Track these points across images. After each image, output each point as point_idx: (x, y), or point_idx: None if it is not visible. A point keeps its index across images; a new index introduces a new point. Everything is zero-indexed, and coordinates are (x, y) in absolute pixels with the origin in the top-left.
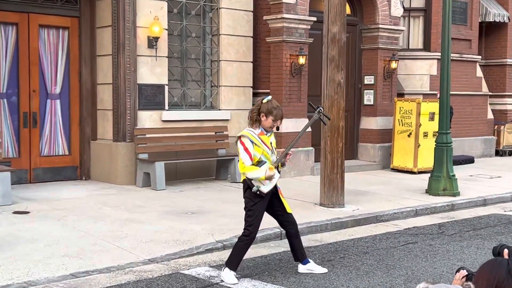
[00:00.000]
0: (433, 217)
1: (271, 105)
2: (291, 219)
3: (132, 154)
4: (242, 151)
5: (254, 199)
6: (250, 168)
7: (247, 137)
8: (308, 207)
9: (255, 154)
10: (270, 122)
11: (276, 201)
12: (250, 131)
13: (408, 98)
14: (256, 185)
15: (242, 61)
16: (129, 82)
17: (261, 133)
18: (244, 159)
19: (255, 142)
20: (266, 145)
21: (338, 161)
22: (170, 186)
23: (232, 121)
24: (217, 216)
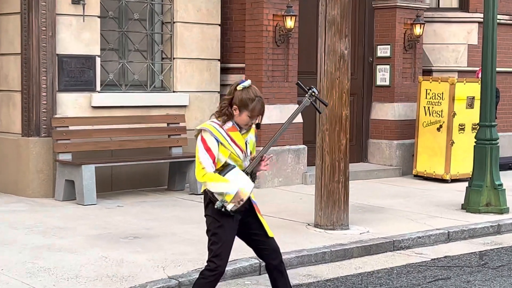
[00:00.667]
0: (472, 243)
1: (247, 95)
2: (273, 246)
3: (49, 154)
4: (202, 150)
5: (219, 219)
6: (212, 177)
7: (209, 132)
8: (299, 229)
9: (220, 158)
10: (246, 119)
11: (251, 220)
12: (214, 124)
13: (438, 77)
14: (220, 200)
15: (206, 24)
16: (45, 52)
17: (232, 128)
18: (204, 162)
19: (221, 140)
20: (237, 145)
21: (340, 164)
22: (103, 200)
23: (191, 107)
24: (170, 241)
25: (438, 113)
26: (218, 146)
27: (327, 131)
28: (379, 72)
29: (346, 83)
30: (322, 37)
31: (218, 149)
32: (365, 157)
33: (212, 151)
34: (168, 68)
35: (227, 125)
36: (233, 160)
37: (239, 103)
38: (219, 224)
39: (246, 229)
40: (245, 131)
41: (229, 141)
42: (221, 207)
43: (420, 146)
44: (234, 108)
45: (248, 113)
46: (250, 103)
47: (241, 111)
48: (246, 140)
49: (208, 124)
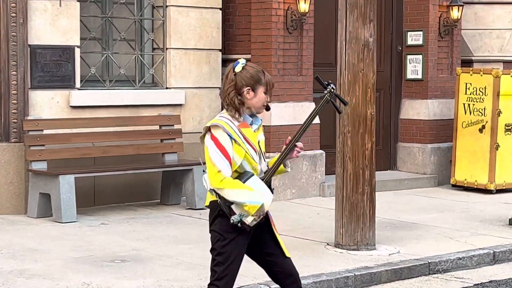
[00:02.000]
0: None
1: (254, 70)
2: (291, 269)
3: (20, 162)
4: (214, 151)
5: (227, 235)
6: (233, 183)
7: (222, 127)
8: (316, 250)
9: (235, 159)
10: (263, 97)
11: (267, 238)
12: (225, 119)
13: (479, 68)
14: (238, 213)
15: (205, 8)
16: (15, 43)
17: (244, 124)
18: (219, 164)
19: (235, 137)
20: (251, 144)
21: (365, 172)
22: (84, 216)
23: (187, 107)
24: (164, 265)
25: (480, 111)
26: (232, 144)
27: (349, 133)
28: (410, 64)
29: (371, 77)
30: (343, 23)
31: (232, 147)
32: (394, 164)
33: (226, 150)
34: (160, 61)
35: (238, 120)
36: (248, 163)
37: (251, 81)
38: (227, 241)
39: (259, 248)
40: (256, 125)
41: (242, 139)
42: (238, 222)
43: (459, 150)
44: (246, 91)
45: (264, 88)
46: (262, 76)
47: (255, 89)
48: (258, 138)
49: (218, 119)
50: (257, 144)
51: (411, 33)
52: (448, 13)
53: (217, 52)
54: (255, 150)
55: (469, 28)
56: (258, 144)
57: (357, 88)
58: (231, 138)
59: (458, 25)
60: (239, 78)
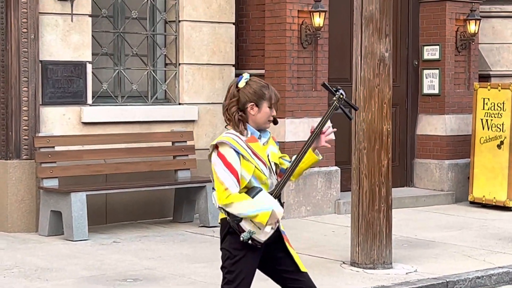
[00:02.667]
0: None
1: (258, 85)
2: (308, 284)
3: (31, 180)
4: (221, 168)
5: (236, 252)
6: (237, 197)
7: (228, 144)
8: (332, 269)
9: (244, 175)
10: (267, 112)
11: (281, 254)
12: (232, 135)
13: (497, 83)
14: (248, 230)
15: (218, 22)
16: (26, 59)
17: (252, 138)
18: (227, 182)
19: (242, 153)
20: (260, 158)
21: (381, 189)
22: (96, 234)
23: (200, 123)
24: (177, 284)
25: (498, 127)
26: (240, 160)
27: (364, 149)
28: (426, 78)
29: (387, 92)
30: (358, 37)
31: (240, 163)
32: (411, 180)
33: (233, 167)
34: (173, 76)
35: (245, 136)
36: (257, 178)
37: (254, 97)
38: (236, 259)
39: (273, 265)
40: (265, 139)
41: (251, 153)
42: (248, 239)
43: (477, 166)
44: (250, 106)
45: (268, 103)
46: (266, 91)
47: (259, 104)
48: (268, 152)
49: (225, 135)
50: (267, 158)
51: (428, 47)
52: (465, 27)
53: (230, 67)
54: (264, 164)
55: (486, 42)
56: (268, 157)
57: (372, 104)
58: (238, 154)
59: (475, 39)
60: (242, 94)
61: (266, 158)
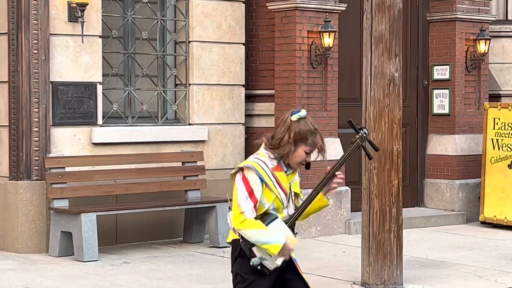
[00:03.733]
0: None
1: (306, 127)
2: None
3: (42, 200)
4: (243, 192)
5: (247, 276)
6: (252, 224)
7: (254, 170)
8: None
9: (263, 203)
10: (302, 155)
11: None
12: (259, 161)
13: (508, 102)
14: (258, 256)
15: (228, 43)
16: (37, 80)
17: (278, 167)
18: (244, 206)
19: (266, 181)
20: (282, 188)
21: (391, 210)
22: (106, 255)
23: (210, 143)
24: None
25: (509, 147)
26: (263, 188)
27: (375, 169)
28: (437, 98)
29: (398, 112)
30: (368, 57)
31: (262, 190)
32: (421, 200)
33: (255, 194)
34: (183, 97)
35: (272, 163)
36: (276, 206)
37: (296, 136)
38: (247, 284)
39: None
40: (291, 170)
41: (275, 182)
42: (258, 265)
43: (488, 186)
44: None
45: (307, 148)
46: (309, 136)
47: (296, 145)
48: (291, 182)
49: (252, 160)
50: (288, 187)
51: (438, 67)
52: (475, 47)
53: (240, 88)
54: (285, 193)
55: (496, 62)
56: (290, 186)
57: (382, 124)
58: (262, 181)
59: (486, 59)
60: (292, 126)
61: (288, 187)
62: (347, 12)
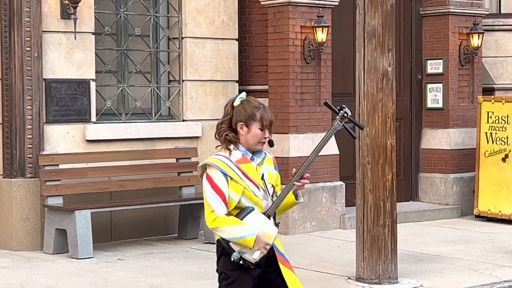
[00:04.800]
0: None
1: (251, 104)
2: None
3: (36, 198)
4: (209, 190)
5: (230, 273)
6: (225, 220)
7: (215, 166)
8: (337, 284)
9: (232, 196)
10: (258, 133)
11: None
12: (219, 157)
13: (501, 96)
14: (237, 250)
15: (221, 39)
16: (30, 77)
17: (243, 159)
18: (213, 204)
19: (230, 175)
20: (251, 179)
21: (386, 204)
22: (101, 252)
23: (204, 139)
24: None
25: (503, 140)
26: (228, 182)
27: (369, 164)
28: (430, 92)
29: (391, 106)
30: (361, 52)
31: (228, 185)
32: (416, 195)
33: (220, 189)
34: (177, 93)
35: (235, 156)
36: (248, 199)
37: (244, 117)
38: (230, 281)
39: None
40: (260, 159)
41: (240, 175)
42: (239, 259)
43: (482, 180)
44: (239, 126)
45: (259, 125)
46: (257, 111)
47: (249, 125)
48: (263, 171)
49: (212, 158)
50: (260, 179)
51: (431, 61)
52: (468, 41)
53: (234, 84)
54: (256, 185)
55: (490, 56)
56: (262, 177)
57: (376, 118)
58: (226, 176)
59: (479, 53)
60: (235, 113)
61: (259, 179)
62: (340, 7)
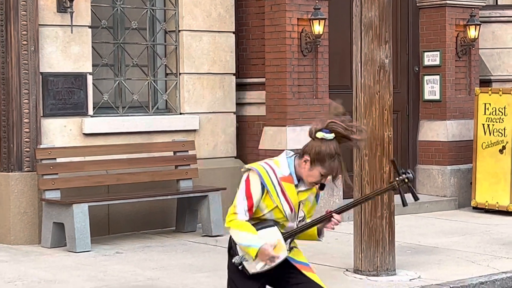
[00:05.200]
0: None
1: (327, 149)
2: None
3: (33, 192)
4: (242, 194)
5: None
6: (238, 225)
7: (258, 174)
8: (335, 276)
9: (261, 208)
10: (317, 177)
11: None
12: (266, 167)
13: (498, 88)
14: (240, 255)
15: (218, 32)
16: (26, 71)
17: (288, 178)
18: (239, 207)
19: (268, 188)
20: (288, 200)
21: (383, 196)
22: (99, 245)
23: (202, 132)
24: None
25: (500, 132)
26: (263, 194)
27: (366, 156)
28: (427, 84)
29: (388, 99)
30: (358, 44)
31: (261, 197)
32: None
33: (252, 198)
34: (174, 86)
35: (282, 172)
36: (276, 217)
37: (314, 156)
38: (231, 281)
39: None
40: (305, 189)
41: (279, 192)
42: (239, 264)
43: (479, 172)
44: (304, 158)
45: (322, 171)
46: (328, 160)
47: (313, 165)
48: (304, 201)
49: (260, 164)
50: (297, 204)
51: (428, 53)
52: (465, 33)
53: (231, 76)
54: (291, 207)
55: (487, 48)
56: (299, 205)
57: (373, 110)
58: (264, 187)
59: (476, 45)
60: (310, 144)
61: (296, 203)
62: (337, 0)
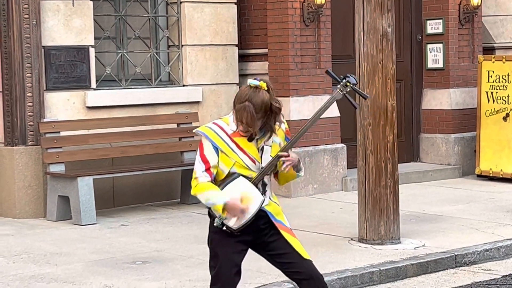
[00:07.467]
0: None
1: (239, 94)
2: (310, 271)
3: (38, 165)
4: (197, 158)
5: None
6: (202, 187)
7: (205, 136)
8: (340, 245)
9: (222, 168)
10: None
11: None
12: (214, 127)
13: (501, 55)
14: (218, 216)
15: (220, 3)
16: (29, 45)
17: (237, 133)
18: (198, 171)
19: (220, 147)
20: (246, 153)
21: (387, 165)
22: (104, 218)
23: (205, 104)
24: (186, 265)
25: (503, 99)
26: (218, 154)
27: (369, 126)
28: (430, 53)
29: (391, 67)
30: (360, 13)
31: (217, 157)
32: (417, 155)
33: (207, 158)
34: (176, 58)
35: (232, 128)
36: (242, 172)
37: (233, 102)
38: (214, 244)
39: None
40: (262, 135)
41: (234, 148)
42: (221, 225)
43: (483, 139)
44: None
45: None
46: (236, 104)
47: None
48: (262, 146)
49: (206, 126)
50: (257, 153)
51: (431, 21)
52: (468, 0)
53: (233, 48)
54: (252, 159)
55: (490, 15)
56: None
57: (376, 80)
58: (215, 147)
59: (479, 12)
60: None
61: (255, 153)
62: None
